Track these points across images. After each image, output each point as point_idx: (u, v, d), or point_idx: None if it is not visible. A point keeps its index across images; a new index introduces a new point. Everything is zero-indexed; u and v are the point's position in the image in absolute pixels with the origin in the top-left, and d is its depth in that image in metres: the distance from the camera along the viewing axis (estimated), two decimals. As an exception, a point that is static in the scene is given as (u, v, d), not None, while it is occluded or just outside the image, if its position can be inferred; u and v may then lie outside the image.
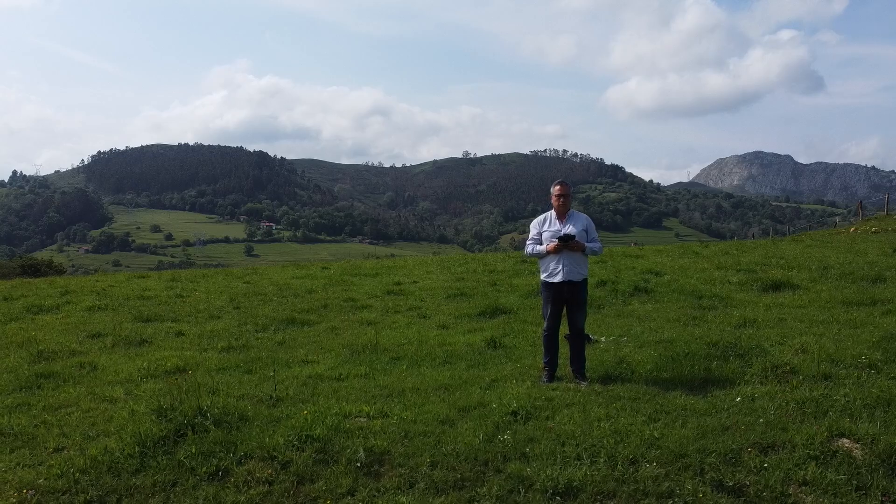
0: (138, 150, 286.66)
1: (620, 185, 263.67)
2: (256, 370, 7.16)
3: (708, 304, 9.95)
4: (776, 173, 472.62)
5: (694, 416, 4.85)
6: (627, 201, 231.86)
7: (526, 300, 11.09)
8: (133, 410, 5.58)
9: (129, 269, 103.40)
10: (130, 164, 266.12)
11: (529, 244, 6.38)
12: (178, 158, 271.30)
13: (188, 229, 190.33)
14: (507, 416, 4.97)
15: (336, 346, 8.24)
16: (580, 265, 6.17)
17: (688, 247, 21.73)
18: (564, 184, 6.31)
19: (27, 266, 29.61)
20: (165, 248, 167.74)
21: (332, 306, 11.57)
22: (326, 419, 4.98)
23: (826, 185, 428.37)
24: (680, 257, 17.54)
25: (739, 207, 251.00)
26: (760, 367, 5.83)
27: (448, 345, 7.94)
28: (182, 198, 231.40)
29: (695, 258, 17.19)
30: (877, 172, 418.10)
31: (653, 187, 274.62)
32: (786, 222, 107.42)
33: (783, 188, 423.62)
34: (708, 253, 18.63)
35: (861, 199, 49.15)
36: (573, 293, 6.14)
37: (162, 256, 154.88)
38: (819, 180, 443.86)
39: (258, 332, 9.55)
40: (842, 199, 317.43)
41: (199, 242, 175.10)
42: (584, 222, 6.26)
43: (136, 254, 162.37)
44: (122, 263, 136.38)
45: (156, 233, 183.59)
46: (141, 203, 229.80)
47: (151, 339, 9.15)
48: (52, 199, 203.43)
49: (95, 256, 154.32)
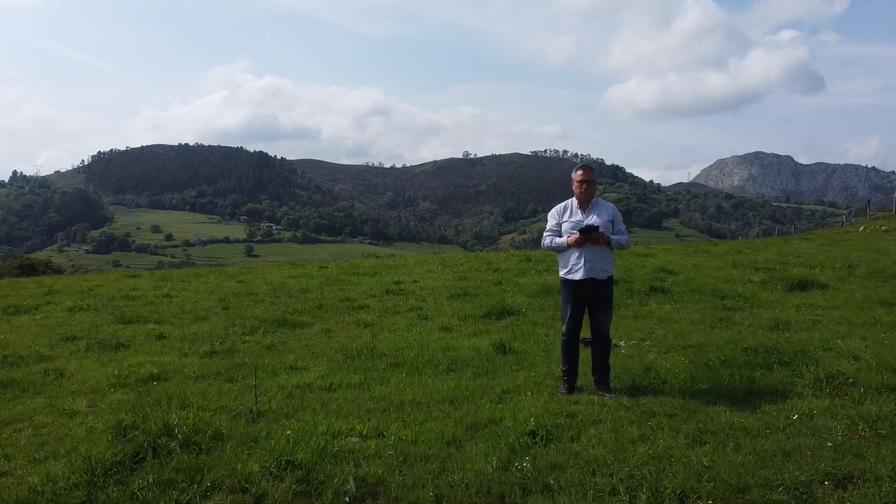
0: (138, 151, 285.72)
1: (621, 186, 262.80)
2: (239, 378, 6.42)
3: (732, 304, 9.21)
4: (776, 174, 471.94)
5: (746, 437, 4.10)
6: (628, 201, 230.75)
7: (534, 300, 10.34)
8: (91, 427, 4.84)
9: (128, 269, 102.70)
10: (130, 165, 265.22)
11: (547, 236, 5.61)
12: (179, 159, 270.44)
13: (188, 230, 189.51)
14: (525, 436, 4.22)
15: (329, 350, 7.50)
16: (605, 260, 5.40)
17: (697, 245, 21.02)
18: (588, 168, 5.55)
19: (24, 266, 29.02)
20: (165, 249, 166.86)
21: (328, 307, 10.83)
22: (312, 440, 4.24)
23: (826, 186, 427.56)
24: (690, 256, 16.80)
25: (740, 208, 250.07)
26: (812, 377, 5.08)
27: (452, 349, 7.19)
28: (182, 198, 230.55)
29: (706, 256, 16.47)
30: (877, 173, 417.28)
31: (653, 187, 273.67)
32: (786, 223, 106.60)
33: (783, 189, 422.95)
34: (719, 251, 17.92)
35: (868, 199, 48.42)
36: (597, 292, 5.38)
37: (162, 257, 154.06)
38: (819, 181, 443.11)
39: (246, 334, 8.81)
40: (842, 200, 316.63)
41: (199, 243, 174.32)
42: (610, 212, 5.51)
43: (136, 254, 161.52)
44: (122, 264, 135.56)
45: (156, 233, 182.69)
46: (141, 203, 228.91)
47: (129, 343, 8.41)
48: (52, 200, 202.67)
49: (95, 257, 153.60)
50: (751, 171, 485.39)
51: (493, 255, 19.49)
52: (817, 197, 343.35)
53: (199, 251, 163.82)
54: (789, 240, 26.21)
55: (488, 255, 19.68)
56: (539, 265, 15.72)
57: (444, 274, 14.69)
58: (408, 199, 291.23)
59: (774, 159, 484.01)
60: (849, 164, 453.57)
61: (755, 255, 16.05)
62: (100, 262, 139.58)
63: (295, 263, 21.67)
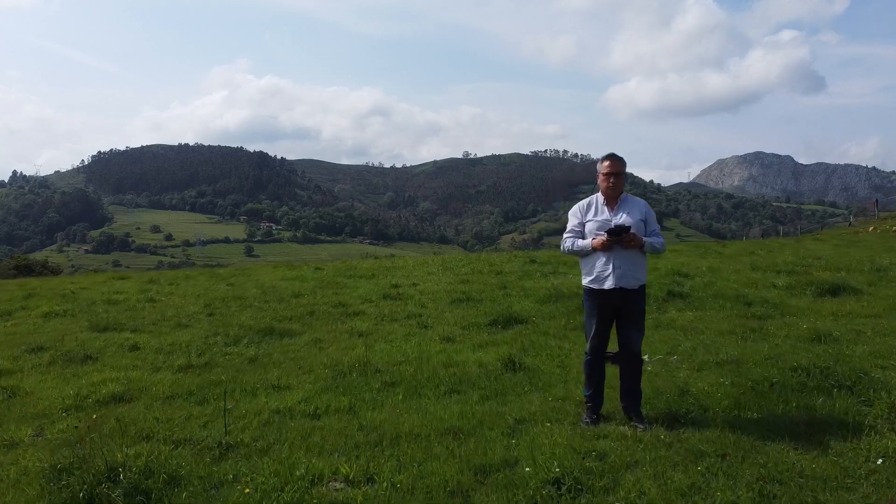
0: (138, 151, 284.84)
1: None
2: (212, 399, 5.62)
3: (760, 311, 8.41)
4: (776, 174, 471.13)
5: (823, 488, 3.30)
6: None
7: (543, 307, 9.54)
8: (25, 469, 4.05)
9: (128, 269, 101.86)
10: (130, 165, 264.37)
11: (568, 238, 4.77)
12: (178, 159, 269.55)
13: (188, 229, 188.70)
14: (548, 485, 3.43)
15: (317, 365, 6.71)
16: (637, 267, 4.58)
17: (707, 246, 20.22)
18: (616, 158, 4.66)
19: (21, 266, 28.36)
20: (165, 249, 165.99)
21: (320, 313, 10.04)
22: (287, 488, 3.45)
23: (827, 186, 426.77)
24: (702, 257, 16.01)
25: (740, 208, 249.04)
26: (885, 407, 4.29)
27: (455, 365, 6.40)
28: (182, 198, 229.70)
29: (719, 258, 15.68)
30: (877, 173, 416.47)
31: (653, 188, 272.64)
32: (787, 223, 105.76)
33: (784, 189, 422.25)
34: (730, 252, 17.15)
35: (876, 199, 47.57)
36: (627, 304, 4.56)
37: (162, 257, 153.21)
38: (819, 181, 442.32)
39: (228, 345, 8.01)
40: (842, 200, 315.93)
41: (199, 243, 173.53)
42: (642, 210, 4.69)
43: (136, 254, 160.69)
44: (121, 264, 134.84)
45: (156, 233, 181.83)
46: (141, 203, 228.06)
47: (99, 355, 7.62)
48: (52, 200, 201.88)
49: (95, 257, 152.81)
50: (751, 172, 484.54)
51: (495, 257, 18.67)
52: (817, 197, 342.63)
53: (198, 251, 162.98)
54: (801, 240, 25.44)
55: (491, 257, 18.85)
56: (544, 267, 14.92)
57: (445, 277, 13.90)
58: (408, 199, 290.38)
59: (774, 159, 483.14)
60: (849, 164, 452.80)
61: (772, 257, 15.27)
62: (99, 262, 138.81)
63: (291, 264, 20.86)
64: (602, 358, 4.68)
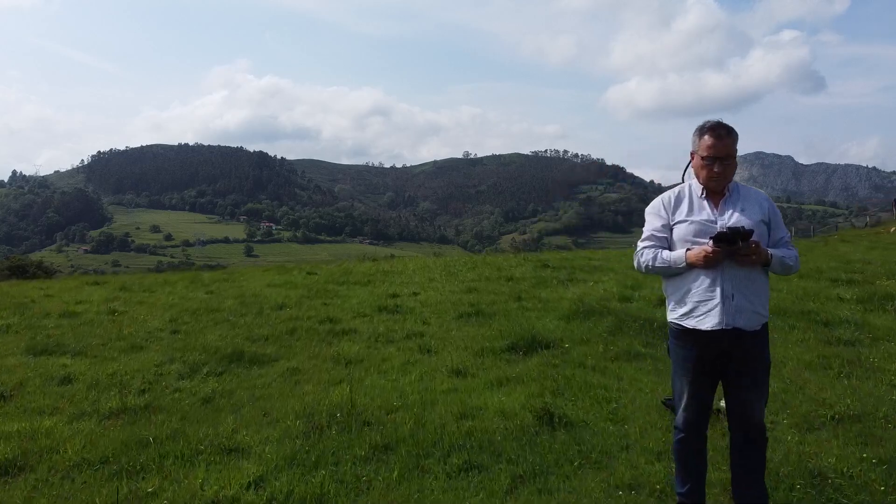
0: (138, 151, 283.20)
1: (622, 186, 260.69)
2: (135, 471, 4.03)
3: (844, 335, 6.80)
4: (777, 174, 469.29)
5: None
6: (629, 202, 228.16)
7: (570, 325, 7.92)
8: None
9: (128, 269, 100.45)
10: (130, 165, 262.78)
11: (647, 247, 3.11)
12: (178, 158, 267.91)
13: (188, 229, 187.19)
14: None
15: (288, 411, 5.10)
16: (758, 295, 2.97)
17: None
18: (724, 129, 2.96)
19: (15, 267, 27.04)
20: (165, 249, 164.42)
21: (303, 330, 8.42)
22: None
23: (827, 186, 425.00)
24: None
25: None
26: None
27: (471, 415, 4.79)
28: (182, 198, 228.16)
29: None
30: (878, 173, 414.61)
31: (654, 188, 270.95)
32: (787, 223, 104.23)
33: (784, 189, 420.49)
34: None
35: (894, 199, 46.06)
36: (742, 351, 2.92)
37: (161, 257, 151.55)
38: (820, 181, 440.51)
39: (182, 377, 6.40)
40: (843, 200, 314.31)
41: (198, 243, 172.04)
42: (764, 207, 3.06)
43: (135, 254, 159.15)
44: (121, 264, 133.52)
45: (155, 233, 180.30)
46: (141, 203, 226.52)
47: (16, 392, 6.01)
48: (52, 200, 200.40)
49: (95, 257, 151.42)
50: (751, 172, 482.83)
51: (502, 259, 17.03)
52: (818, 197, 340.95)
53: (198, 251, 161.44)
54: (829, 241, 23.81)
55: (497, 259, 17.21)
56: (559, 272, 13.34)
57: (448, 284, 12.29)
58: (408, 199, 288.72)
59: (775, 159, 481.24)
60: (849, 165, 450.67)
61: (812, 261, 13.66)
62: (99, 262, 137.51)
63: (283, 267, 19.19)
64: (702, 436, 3.03)
